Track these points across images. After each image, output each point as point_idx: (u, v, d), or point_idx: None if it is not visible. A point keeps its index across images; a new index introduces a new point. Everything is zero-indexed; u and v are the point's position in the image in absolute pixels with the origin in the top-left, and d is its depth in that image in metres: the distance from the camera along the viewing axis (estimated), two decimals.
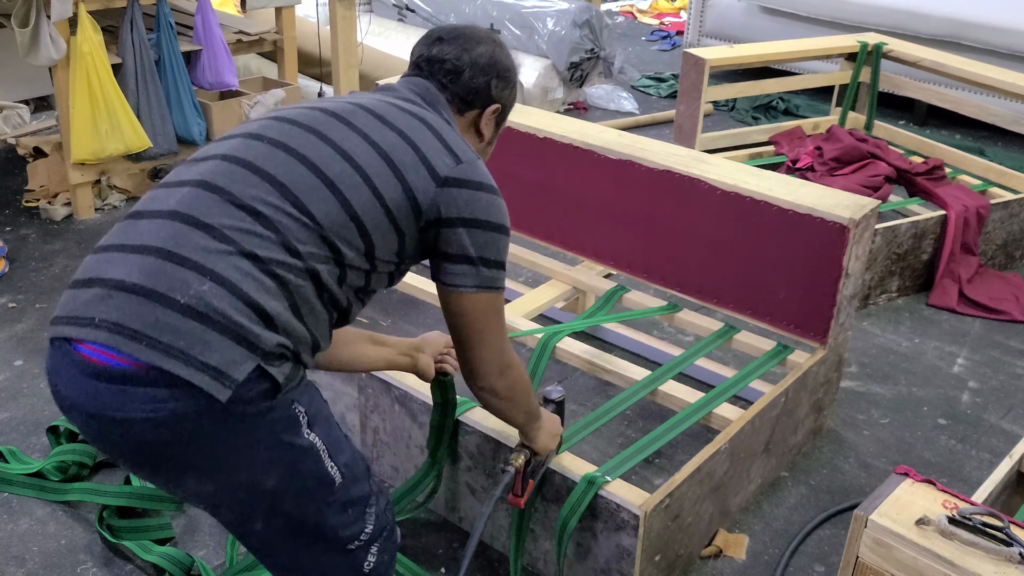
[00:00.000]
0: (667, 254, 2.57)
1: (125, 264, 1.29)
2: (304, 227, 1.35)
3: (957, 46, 4.82)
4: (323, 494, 1.42)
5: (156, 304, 1.24)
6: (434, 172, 1.46)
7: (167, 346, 1.22)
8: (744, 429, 2.09)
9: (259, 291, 1.28)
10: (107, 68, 3.42)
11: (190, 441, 1.26)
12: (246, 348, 1.26)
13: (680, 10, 7.87)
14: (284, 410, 1.34)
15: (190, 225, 1.30)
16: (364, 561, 1.53)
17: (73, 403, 1.28)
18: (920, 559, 1.47)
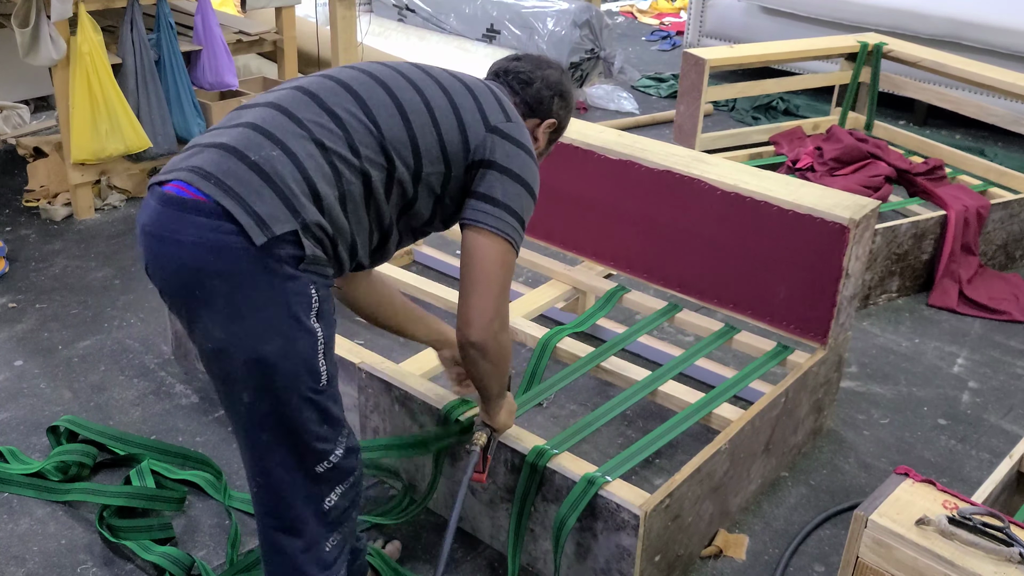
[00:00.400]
0: (667, 254, 2.57)
1: (223, 134, 1.54)
2: (368, 133, 1.56)
3: (957, 46, 4.82)
4: (308, 385, 1.51)
5: (231, 156, 1.47)
6: (486, 119, 1.66)
7: (228, 187, 1.44)
8: (744, 429, 2.09)
9: (316, 172, 1.49)
10: (107, 68, 3.42)
11: (218, 274, 1.44)
12: (290, 211, 1.45)
13: (680, 10, 7.87)
14: (302, 286, 1.48)
15: (280, 112, 1.54)
16: (326, 496, 1.59)
17: (143, 226, 1.50)
18: (920, 559, 1.47)
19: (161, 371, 2.75)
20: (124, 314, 3.05)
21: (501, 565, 2.09)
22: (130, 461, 2.34)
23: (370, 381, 2.22)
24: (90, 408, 2.57)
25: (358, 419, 2.30)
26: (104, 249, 3.47)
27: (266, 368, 1.48)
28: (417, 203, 1.64)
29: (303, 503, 1.59)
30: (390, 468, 2.21)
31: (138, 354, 2.83)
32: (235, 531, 2.11)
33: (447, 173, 1.64)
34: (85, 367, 2.76)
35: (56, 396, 2.62)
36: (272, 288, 1.46)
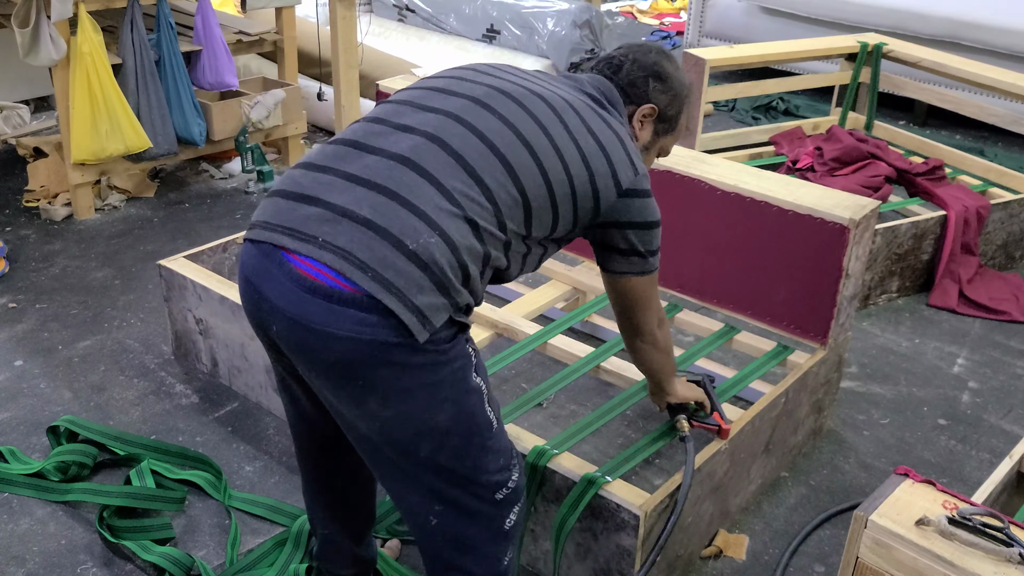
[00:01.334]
0: (667, 254, 2.56)
1: (351, 194, 1.40)
2: (516, 206, 1.49)
3: (957, 46, 4.82)
4: (483, 435, 1.51)
5: (385, 242, 1.35)
6: (618, 183, 1.61)
7: (389, 283, 1.34)
8: (744, 429, 2.09)
9: (470, 255, 1.42)
10: (107, 68, 3.42)
11: (382, 365, 1.37)
12: (447, 300, 1.39)
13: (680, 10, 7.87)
14: (460, 351, 1.45)
15: (424, 178, 1.42)
16: (506, 518, 1.59)
17: (279, 310, 1.39)
18: (920, 559, 1.47)
19: (161, 371, 2.75)
20: (124, 314, 3.05)
21: None
22: (130, 461, 2.34)
23: None
24: (90, 408, 2.57)
25: None
26: (104, 249, 3.47)
27: (441, 434, 1.46)
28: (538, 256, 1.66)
29: (485, 531, 1.58)
30: None
31: (138, 354, 2.83)
32: (235, 531, 2.11)
33: (572, 229, 1.64)
34: (85, 367, 2.76)
35: (56, 396, 2.62)
36: (437, 366, 1.42)
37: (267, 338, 1.49)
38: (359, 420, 1.46)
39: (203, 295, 2.56)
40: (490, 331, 2.58)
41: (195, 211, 3.82)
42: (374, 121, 1.53)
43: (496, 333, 2.59)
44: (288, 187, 1.46)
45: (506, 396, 2.63)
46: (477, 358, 1.51)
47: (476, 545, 1.58)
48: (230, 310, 2.49)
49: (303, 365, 1.45)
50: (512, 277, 1.62)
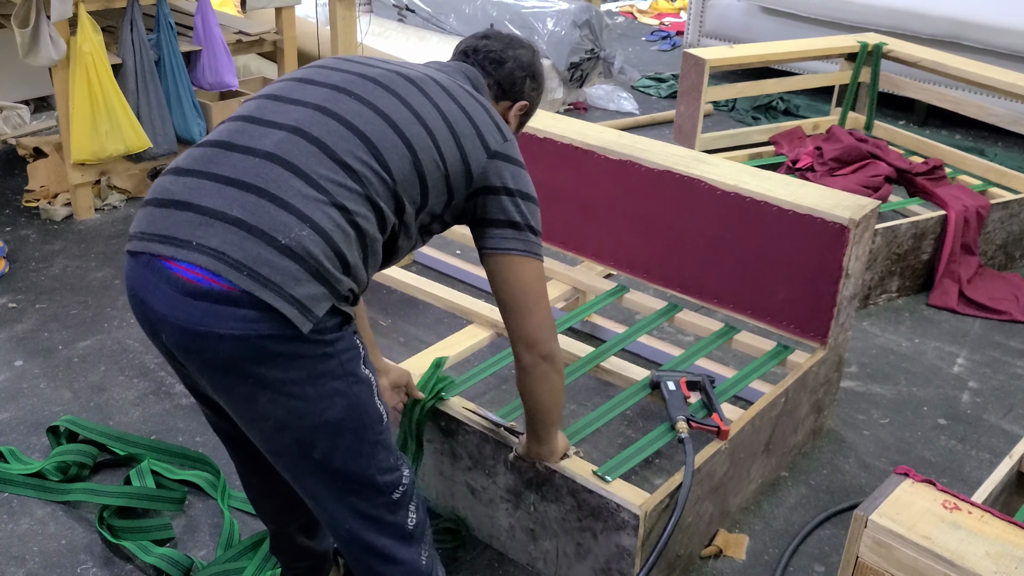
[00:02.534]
0: (667, 254, 2.57)
1: (222, 196, 1.40)
2: (383, 183, 1.48)
3: (957, 46, 4.82)
4: (375, 429, 1.52)
5: (258, 240, 1.36)
6: (487, 145, 1.61)
7: (265, 279, 1.34)
8: (744, 429, 2.09)
9: (345, 241, 1.42)
10: (107, 68, 3.42)
11: (268, 359, 1.38)
12: (327, 289, 1.39)
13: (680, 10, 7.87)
14: (348, 343, 1.46)
15: (289, 171, 1.42)
16: (407, 518, 1.61)
17: (163, 316, 1.39)
18: (920, 559, 1.47)
19: (161, 371, 2.75)
20: (124, 314, 3.05)
21: (501, 565, 2.09)
22: (130, 461, 2.34)
23: None
24: (90, 408, 2.57)
25: None
26: (104, 249, 3.47)
27: (334, 429, 1.47)
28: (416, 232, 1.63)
29: (393, 538, 1.59)
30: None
31: (138, 354, 2.83)
32: (228, 530, 2.11)
33: (448, 200, 1.61)
34: (85, 367, 2.76)
35: (56, 396, 2.62)
36: (324, 357, 1.42)
37: (163, 347, 1.48)
38: (255, 423, 1.47)
39: None
40: (490, 331, 2.58)
41: None
42: (240, 120, 1.53)
43: (496, 333, 2.59)
44: (159, 195, 1.45)
45: (506, 396, 2.63)
46: (365, 350, 1.51)
47: (391, 553, 1.59)
48: None
49: (196, 370, 1.45)
50: (396, 260, 1.64)
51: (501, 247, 1.63)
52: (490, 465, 2.04)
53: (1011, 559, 1.44)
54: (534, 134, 2.70)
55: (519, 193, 1.63)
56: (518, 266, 1.63)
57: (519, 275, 1.64)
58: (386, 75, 1.59)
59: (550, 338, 1.68)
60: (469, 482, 2.11)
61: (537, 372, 1.70)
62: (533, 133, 2.70)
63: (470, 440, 2.05)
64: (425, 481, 2.21)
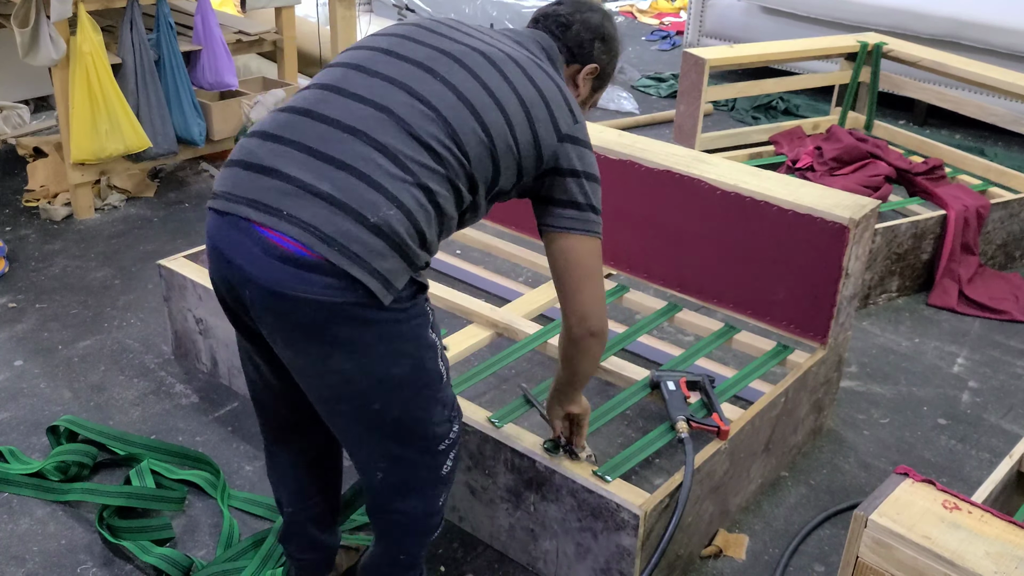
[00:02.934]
0: (667, 254, 2.57)
1: (309, 168, 1.48)
2: (461, 165, 1.56)
3: (957, 46, 4.82)
4: (435, 388, 1.62)
5: (348, 217, 1.44)
6: (558, 128, 1.65)
7: (353, 254, 1.43)
8: (744, 429, 2.09)
9: (425, 220, 1.51)
10: (107, 68, 3.42)
11: (348, 323, 1.47)
12: (407, 263, 1.49)
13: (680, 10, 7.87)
14: (420, 310, 1.56)
15: (377, 150, 1.49)
16: (443, 465, 1.70)
17: (251, 276, 1.47)
18: (920, 559, 1.47)
19: (161, 371, 2.75)
20: (124, 314, 3.05)
21: (501, 565, 2.09)
22: (130, 461, 2.34)
23: None
24: (90, 408, 2.57)
25: None
26: (104, 249, 3.47)
27: (397, 385, 1.55)
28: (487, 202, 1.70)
29: (426, 477, 1.69)
30: None
31: (138, 354, 2.83)
32: (228, 529, 2.10)
33: (518, 180, 1.67)
34: (85, 367, 2.76)
35: (56, 396, 2.62)
36: (398, 323, 1.52)
37: (236, 305, 1.56)
38: (321, 376, 1.54)
39: (203, 295, 2.56)
40: (490, 331, 2.58)
41: (195, 211, 3.82)
42: (323, 88, 1.58)
43: (496, 333, 2.59)
44: (245, 157, 1.52)
45: (506, 396, 2.63)
46: (433, 317, 1.61)
47: (415, 488, 1.69)
48: None
49: (272, 328, 1.52)
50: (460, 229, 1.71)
51: (561, 225, 1.68)
52: (490, 465, 2.04)
53: (1011, 559, 1.45)
54: None
55: (584, 174, 1.68)
56: (579, 244, 1.69)
57: (579, 253, 1.69)
58: (467, 54, 1.63)
59: (600, 314, 1.73)
60: (469, 482, 2.11)
61: (583, 344, 1.75)
62: None
63: (470, 440, 2.05)
64: None
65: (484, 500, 2.10)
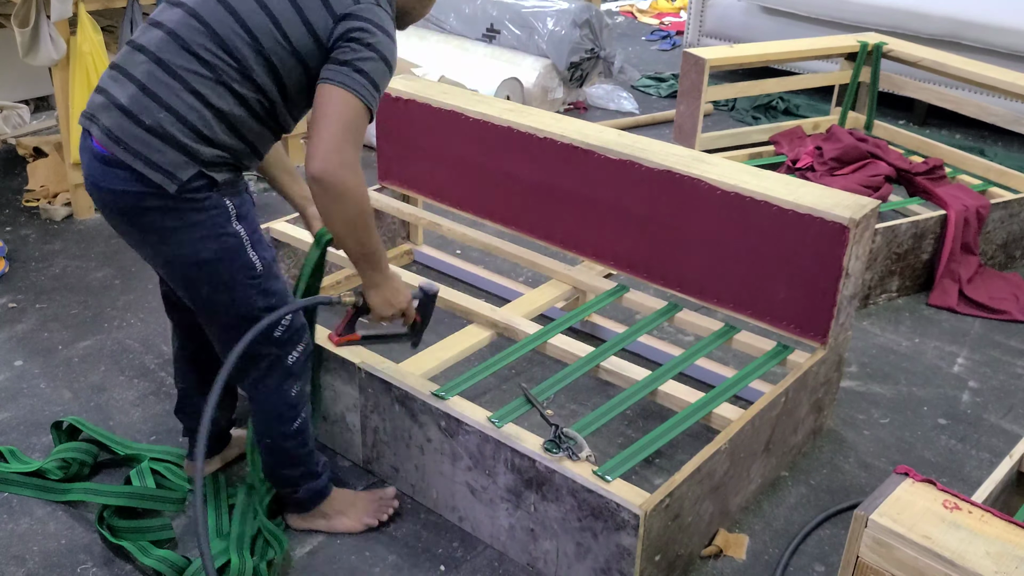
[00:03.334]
0: (667, 254, 2.57)
1: (119, 84, 1.79)
2: (231, 67, 1.76)
3: (957, 46, 4.82)
4: (248, 274, 1.86)
5: (131, 121, 1.75)
6: (331, 10, 1.77)
7: (135, 151, 1.74)
8: (744, 429, 2.09)
9: (199, 121, 1.75)
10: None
11: (147, 212, 1.78)
12: (189, 158, 1.75)
13: (680, 10, 7.87)
14: (217, 202, 1.81)
15: (159, 66, 1.77)
16: (288, 355, 1.97)
17: (86, 175, 1.83)
18: (920, 559, 1.47)
19: (161, 371, 2.75)
20: (124, 314, 3.05)
21: (501, 565, 2.09)
22: (130, 461, 2.34)
23: (370, 381, 2.22)
24: (90, 408, 2.57)
25: (359, 419, 2.30)
26: (104, 249, 3.47)
27: (209, 268, 1.82)
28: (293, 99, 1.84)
29: (271, 368, 1.97)
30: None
31: (138, 354, 2.83)
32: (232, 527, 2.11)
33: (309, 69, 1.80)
34: (85, 367, 2.76)
35: (56, 396, 2.62)
36: (196, 212, 1.78)
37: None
38: (155, 263, 1.89)
39: None
40: (490, 331, 2.58)
41: None
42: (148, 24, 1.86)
43: (496, 333, 2.59)
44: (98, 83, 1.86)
45: (506, 396, 2.63)
46: (240, 210, 1.84)
47: (263, 371, 1.97)
48: None
49: (111, 223, 1.86)
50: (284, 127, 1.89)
51: (326, 77, 1.76)
52: (490, 465, 2.04)
53: (1011, 559, 1.45)
54: (534, 134, 2.70)
55: (360, 41, 1.76)
56: (332, 92, 1.74)
57: (327, 99, 1.74)
58: None
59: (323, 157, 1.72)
60: (469, 482, 2.11)
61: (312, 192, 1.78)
62: (533, 133, 2.71)
63: (470, 440, 2.05)
64: (425, 481, 2.21)
65: (484, 500, 2.10)
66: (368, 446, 2.32)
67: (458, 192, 3.01)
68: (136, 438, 2.46)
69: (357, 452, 2.37)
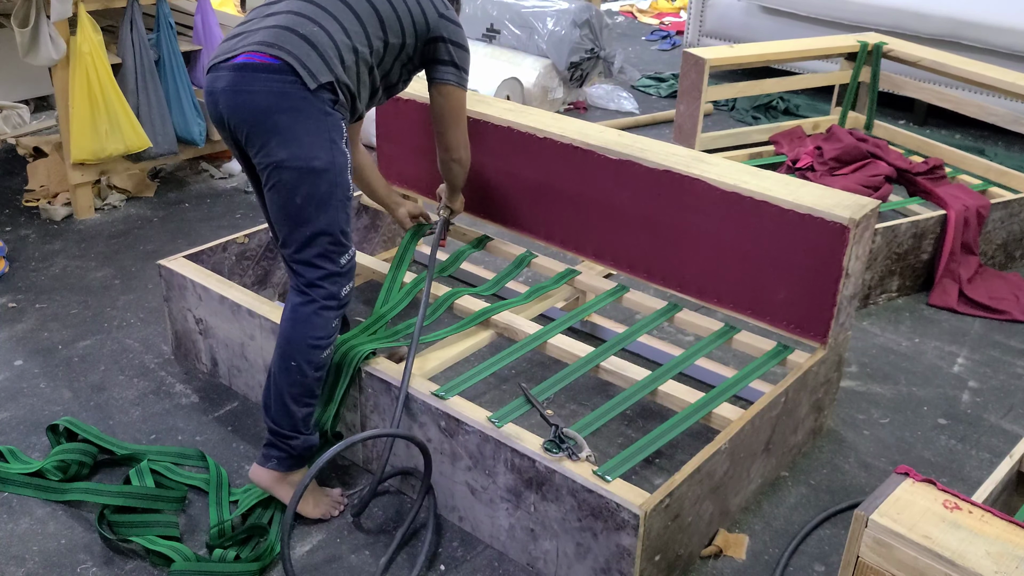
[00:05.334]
0: (667, 254, 2.57)
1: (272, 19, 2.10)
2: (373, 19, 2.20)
3: (957, 46, 4.82)
4: (344, 190, 2.10)
5: (286, 31, 2.06)
6: (436, 7, 2.33)
7: (288, 51, 2.03)
8: (744, 429, 2.09)
9: (343, 46, 2.11)
10: (107, 68, 3.42)
11: (282, 110, 2.01)
12: (329, 69, 2.07)
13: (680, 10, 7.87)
14: (337, 120, 2.10)
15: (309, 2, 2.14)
16: (344, 287, 2.13)
17: (222, 89, 2.06)
18: (920, 559, 1.47)
19: (161, 371, 2.75)
20: (124, 314, 3.05)
21: (501, 565, 2.09)
22: (130, 461, 2.33)
23: (370, 381, 2.22)
24: (90, 408, 2.57)
25: (359, 419, 2.30)
26: (104, 249, 3.47)
27: (317, 175, 2.03)
28: (392, 69, 2.31)
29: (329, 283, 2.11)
30: None
31: (138, 354, 2.83)
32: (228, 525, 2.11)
33: (416, 45, 2.31)
34: (85, 367, 2.76)
35: (56, 396, 2.62)
36: (320, 119, 2.04)
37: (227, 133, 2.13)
38: (265, 166, 2.04)
39: (203, 295, 2.56)
40: (490, 331, 2.58)
41: (195, 211, 3.82)
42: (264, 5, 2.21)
43: (496, 333, 2.59)
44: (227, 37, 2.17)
45: (506, 396, 2.63)
46: (346, 136, 2.12)
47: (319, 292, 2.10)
48: (230, 310, 2.49)
49: (236, 127, 2.06)
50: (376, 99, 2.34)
51: (446, 79, 2.39)
52: (490, 465, 2.04)
53: (1011, 559, 1.45)
54: (534, 134, 2.70)
55: (459, 44, 2.39)
56: (451, 92, 2.41)
57: (451, 100, 2.42)
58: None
59: (462, 147, 2.54)
60: (469, 482, 2.11)
61: (449, 167, 2.59)
62: (533, 133, 2.71)
63: (470, 440, 2.05)
64: None
65: (484, 500, 2.10)
66: (368, 446, 2.32)
67: None
68: (136, 438, 2.46)
69: (357, 452, 2.37)
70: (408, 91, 2.98)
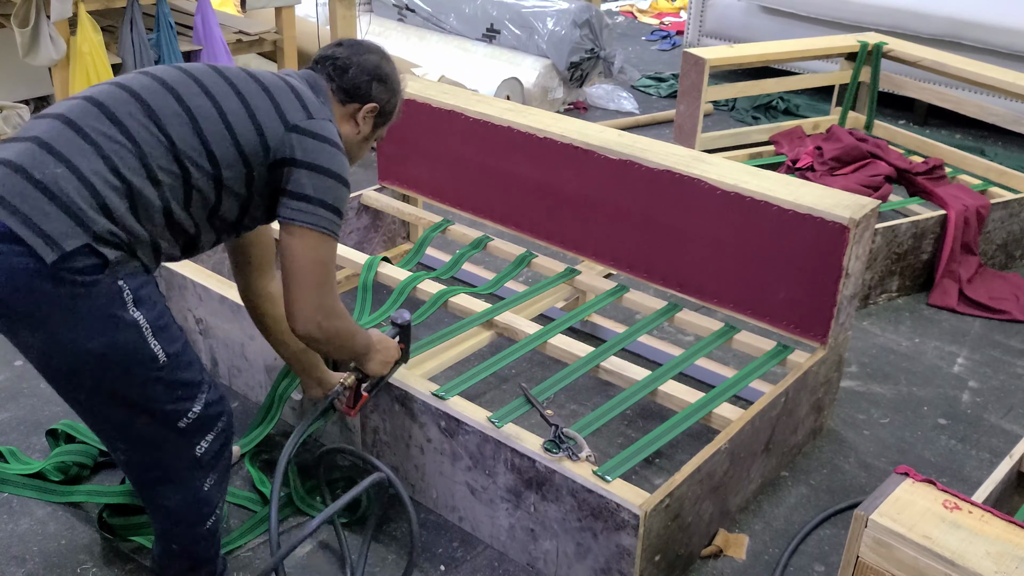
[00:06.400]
0: (667, 254, 2.57)
1: (10, 149, 1.56)
2: (159, 143, 1.61)
3: (957, 46, 4.82)
4: (147, 368, 1.60)
5: (17, 175, 1.51)
6: (284, 118, 1.72)
7: (15, 208, 1.48)
8: (744, 429, 2.09)
9: (104, 186, 1.53)
10: (107, 68, 3.42)
11: (22, 293, 1.49)
12: (79, 226, 1.50)
13: (680, 10, 7.87)
14: (108, 286, 1.54)
15: (67, 126, 1.57)
16: (197, 444, 1.70)
17: None
18: (920, 559, 1.47)
19: None
20: None
21: (501, 565, 2.09)
22: None
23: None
24: None
25: (359, 419, 2.30)
26: None
27: (99, 362, 1.56)
28: (223, 204, 1.72)
29: (174, 456, 1.70)
30: None
31: None
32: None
33: (248, 173, 1.71)
34: None
35: (56, 397, 2.62)
36: (78, 296, 1.51)
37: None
38: (25, 353, 1.60)
39: (203, 295, 2.56)
40: (490, 331, 2.58)
41: None
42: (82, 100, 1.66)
43: (496, 333, 2.59)
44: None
45: (506, 396, 2.63)
46: (137, 293, 1.58)
47: (168, 474, 1.71)
48: (230, 310, 2.49)
49: None
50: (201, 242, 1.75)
51: (288, 216, 1.73)
52: (490, 465, 2.04)
53: (1011, 559, 1.45)
54: (534, 134, 2.70)
55: (316, 167, 1.72)
56: (298, 237, 1.72)
57: (296, 247, 1.73)
58: (191, 67, 1.75)
59: (306, 319, 1.76)
60: (469, 482, 2.11)
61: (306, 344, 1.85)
62: (533, 133, 2.71)
63: (470, 440, 2.05)
64: (425, 481, 2.21)
65: (484, 500, 2.10)
66: (368, 446, 2.32)
67: (458, 192, 3.01)
68: None
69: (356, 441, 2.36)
70: (408, 90, 2.98)
